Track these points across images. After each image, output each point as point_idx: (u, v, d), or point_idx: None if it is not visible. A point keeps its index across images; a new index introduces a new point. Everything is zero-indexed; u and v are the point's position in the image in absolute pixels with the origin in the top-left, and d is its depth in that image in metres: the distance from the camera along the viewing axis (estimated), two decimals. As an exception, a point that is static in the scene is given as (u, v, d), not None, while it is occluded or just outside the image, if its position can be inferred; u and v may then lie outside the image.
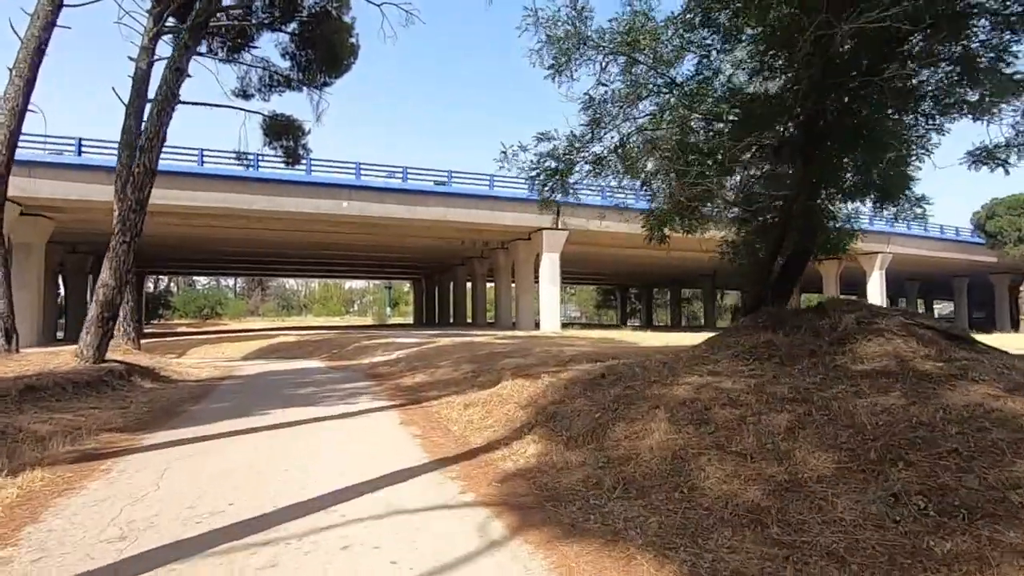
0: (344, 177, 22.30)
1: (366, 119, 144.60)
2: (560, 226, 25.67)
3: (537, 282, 28.27)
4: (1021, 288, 33.88)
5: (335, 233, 26.45)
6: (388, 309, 73.56)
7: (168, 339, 22.70)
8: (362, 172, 22.51)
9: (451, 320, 40.89)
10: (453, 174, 23.86)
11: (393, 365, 11.48)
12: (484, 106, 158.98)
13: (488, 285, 36.76)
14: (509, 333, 21.71)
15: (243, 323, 53.62)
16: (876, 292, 33.94)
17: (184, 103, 13.05)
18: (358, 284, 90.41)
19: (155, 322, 52.31)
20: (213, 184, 20.56)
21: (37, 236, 21.03)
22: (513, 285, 30.93)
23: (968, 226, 34.57)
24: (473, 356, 10.63)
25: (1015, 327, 34.12)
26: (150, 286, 54.77)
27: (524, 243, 27.73)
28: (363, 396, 8.06)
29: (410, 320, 59.51)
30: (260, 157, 20.92)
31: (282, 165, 20.61)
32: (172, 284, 77.57)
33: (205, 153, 20.58)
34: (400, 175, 23.07)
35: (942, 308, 63.99)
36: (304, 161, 16.58)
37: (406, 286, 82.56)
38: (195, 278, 77.99)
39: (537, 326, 26.71)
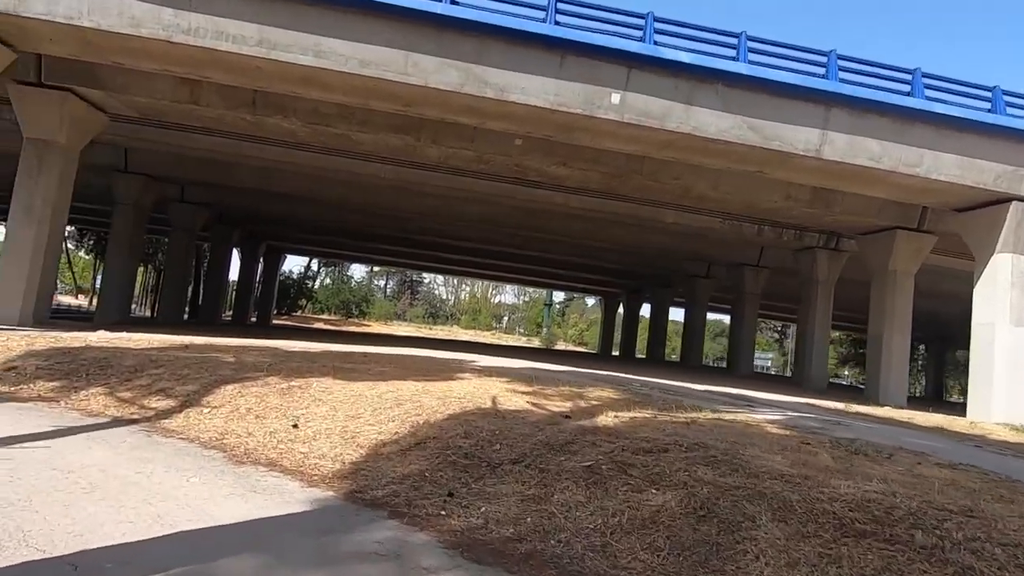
0: (615, 41, 10.29)
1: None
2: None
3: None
4: None
5: (575, 180, 14.40)
6: (545, 329, 60.92)
7: (274, 339, 12.39)
8: (657, 35, 10.35)
9: (660, 357, 27.78)
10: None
11: None
12: None
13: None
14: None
15: (388, 327, 44.90)
16: None
17: None
18: (507, 299, 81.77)
19: (296, 314, 45.39)
20: (361, 20, 9.65)
21: (64, 132, 11.73)
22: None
23: None
24: None
25: None
26: (290, 269, 47.99)
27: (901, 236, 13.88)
28: None
29: (581, 348, 47.29)
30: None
31: None
32: (323, 274, 66.88)
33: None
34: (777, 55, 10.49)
35: None
36: None
37: (556, 302, 70.36)
38: (352, 268, 68.58)
39: (952, 403, 12.62)
